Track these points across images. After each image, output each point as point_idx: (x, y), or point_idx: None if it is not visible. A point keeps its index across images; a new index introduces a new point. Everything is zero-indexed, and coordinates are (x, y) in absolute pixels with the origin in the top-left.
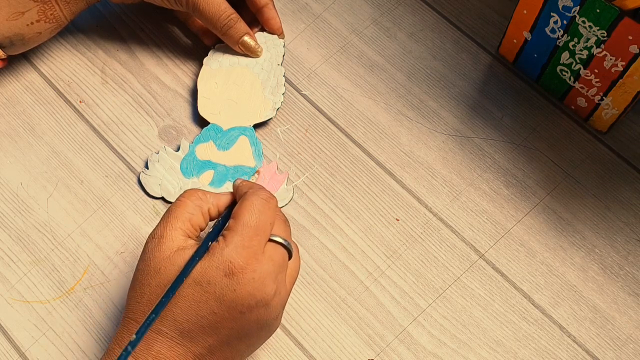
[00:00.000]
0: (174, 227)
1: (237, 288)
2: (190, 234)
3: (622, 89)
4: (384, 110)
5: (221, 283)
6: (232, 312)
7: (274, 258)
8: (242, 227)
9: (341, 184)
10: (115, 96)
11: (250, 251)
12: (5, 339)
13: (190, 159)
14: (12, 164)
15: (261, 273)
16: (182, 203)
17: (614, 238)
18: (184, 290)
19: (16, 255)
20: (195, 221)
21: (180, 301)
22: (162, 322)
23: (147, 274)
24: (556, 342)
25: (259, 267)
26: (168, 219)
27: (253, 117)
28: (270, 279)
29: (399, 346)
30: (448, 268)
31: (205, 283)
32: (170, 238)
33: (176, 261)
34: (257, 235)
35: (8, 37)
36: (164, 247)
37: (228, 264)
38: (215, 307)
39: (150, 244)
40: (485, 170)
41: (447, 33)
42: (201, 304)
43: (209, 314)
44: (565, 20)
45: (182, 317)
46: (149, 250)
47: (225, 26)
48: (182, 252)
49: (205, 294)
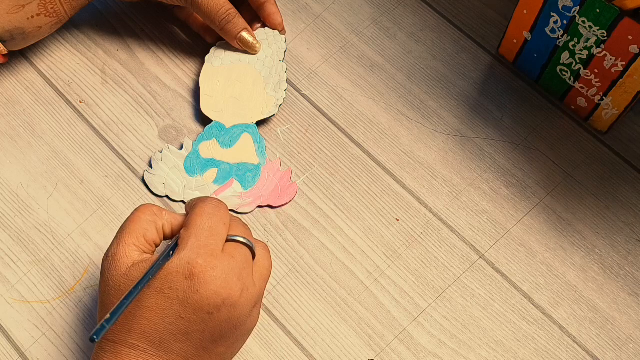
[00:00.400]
0: (127, 243)
1: (200, 288)
2: (145, 249)
3: (622, 89)
4: (384, 110)
5: (183, 286)
6: (199, 314)
7: (235, 255)
8: (195, 230)
9: (341, 184)
10: (115, 96)
11: (207, 250)
12: (5, 339)
13: (193, 157)
14: (12, 164)
15: (222, 270)
16: (136, 218)
17: (614, 238)
18: (147, 300)
19: (16, 255)
20: (150, 237)
21: (146, 312)
22: (133, 336)
23: (107, 293)
24: (556, 342)
25: (219, 264)
26: (121, 236)
27: (256, 114)
28: (233, 275)
29: (399, 346)
30: (448, 268)
31: (167, 289)
32: (124, 254)
33: (134, 275)
34: (212, 236)
35: (9, 31)
36: (119, 264)
37: (187, 266)
38: (181, 311)
39: (105, 263)
40: (485, 170)
41: (447, 33)
42: (166, 310)
43: (177, 320)
44: (565, 20)
45: (150, 327)
46: (105, 269)
47: (223, 21)
48: (138, 265)
49: (168, 300)
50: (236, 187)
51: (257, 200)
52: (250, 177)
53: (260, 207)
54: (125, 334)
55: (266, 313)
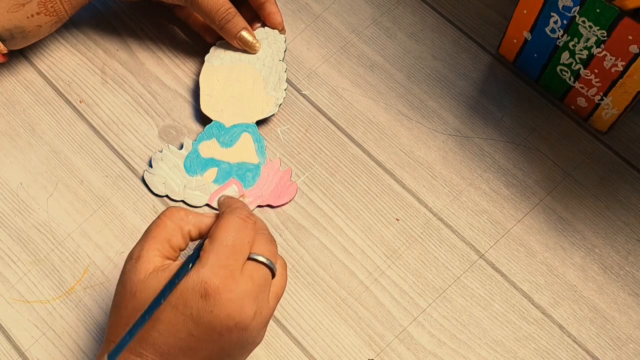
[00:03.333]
0: (151, 248)
1: (214, 309)
2: (169, 255)
3: (622, 89)
4: (384, 110)
5: (197, 305)
6: (210, 334)
7: (254, 277)
8: (217, 246)
9: (341, 184)
10: (115, 96)
11: (226, 271)
12: (5, 339)
13: (193, 156)
14: (12, 164)
15: (239, 293)
16: (162, 223)
17: (614, 238)
18: (162, 313)
19: (16, 255)
20: (175, 242)
21: (158, 325)
22: (142, 345)
23: (123, 297)
24: (556, 342)
25: (235, 287)
26: (146, 239)
27: (255, 114)
28: (250, 299)
29: (399, 346)
30: (448, 268)
31: (181, 306)
32: (147, 259)
33: (151, 284)
34: (234, 255)
35: (8, 30)
36: (140, 268)
37: (204, 285)
38: (192, 329)
39: (127, 265)
40: (485, 170)
41: (447, 33)
42: (178, 326)
43: (187, 336)
44: (565, 20)
45: (161, 340)
46: (126, 271)
47: (222, 20)
48: (158, 274)
49: (182, 316)
50: (236, 187)
51: (257, 200)
52: (250, 176)
53: (260, 206)
54: (136, 342)
55: None
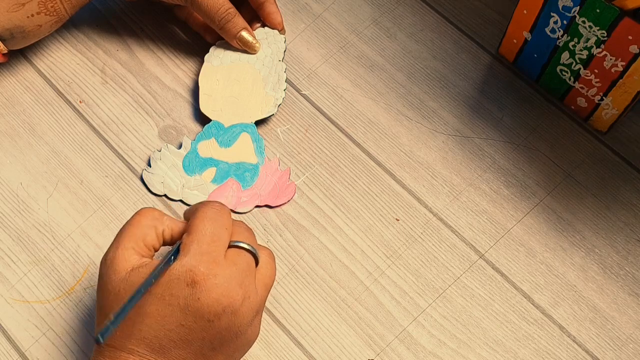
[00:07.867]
0: (127, 247)
1: (202, 296)
2: (145, 253)
3: (622, 89)
4: (384, 110)
5: (184, 293)
6: (199, 322)
7: (237, 262)
8: (197, 236)
9: (341, 184)
10: (115, 96)
11: (209, 257)
12: (5, 339)
13: (192, 156)
14: (12, 164)
15: (224, 277)
16: (135, 222)
17: (614, 238)
18: (148, 306)
19: (16, 255)
20: (149, 241)
21: (146, 318)
22: (132, 342)
23: (106, 298)
24: (556, 342)
25: (221, 272)
26: (120, 239)
27: (255, 114)
28: (235, 283)
29: (399, 346)
30: (448, 268)
31: (168, 296)
32: (124, 258)
33: (134, 281)
34: (214, 242)
35: (9, 29)
36: (118, 268)
37: (189, 273)
38: (181, 318)
39: (103, 268)
40: (485, 170)
41: (447, 33)
42: (167, 317)
43: (177, 327)
44: (565, 20)
45: (151, 333)
46: (103, 274)
47: (222, 20)
48: (139, 270)
49: (169, 307)
50: (234, 187)
51: (256, 200)
52: (248, 176)
53: (258, 206)
54: (125, 339)
55: (266, 313)
